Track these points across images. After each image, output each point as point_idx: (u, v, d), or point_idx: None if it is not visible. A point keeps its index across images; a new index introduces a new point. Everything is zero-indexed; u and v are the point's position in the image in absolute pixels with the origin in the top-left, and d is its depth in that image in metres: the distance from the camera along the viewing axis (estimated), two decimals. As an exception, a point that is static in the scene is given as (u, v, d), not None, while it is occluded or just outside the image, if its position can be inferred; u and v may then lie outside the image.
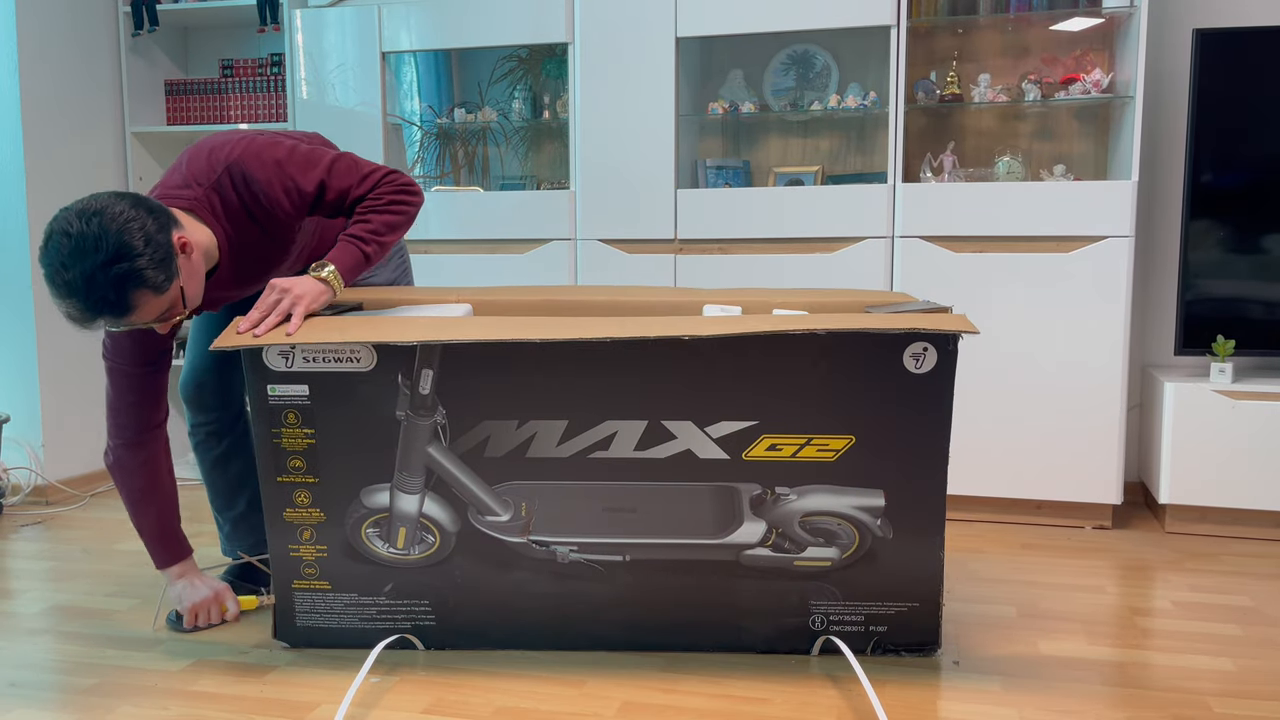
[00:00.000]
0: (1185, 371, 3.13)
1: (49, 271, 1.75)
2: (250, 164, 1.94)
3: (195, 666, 2.05)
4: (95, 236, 1.71)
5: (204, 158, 1.96)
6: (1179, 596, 2.43)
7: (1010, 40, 3.24)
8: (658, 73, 3.14)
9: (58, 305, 1.78)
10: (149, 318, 1.83)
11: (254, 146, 1.96)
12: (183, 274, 1.83)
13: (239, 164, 1.93)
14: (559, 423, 1.85)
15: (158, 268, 1.77)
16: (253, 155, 1.94)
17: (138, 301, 1.78)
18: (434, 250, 3.35)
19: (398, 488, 1.94)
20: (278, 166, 1.94)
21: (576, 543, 1.95)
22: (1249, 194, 2.94)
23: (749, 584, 1.98)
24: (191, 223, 1.91)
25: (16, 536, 3.03)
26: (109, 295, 1.74)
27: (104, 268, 1.72)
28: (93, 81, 3.57)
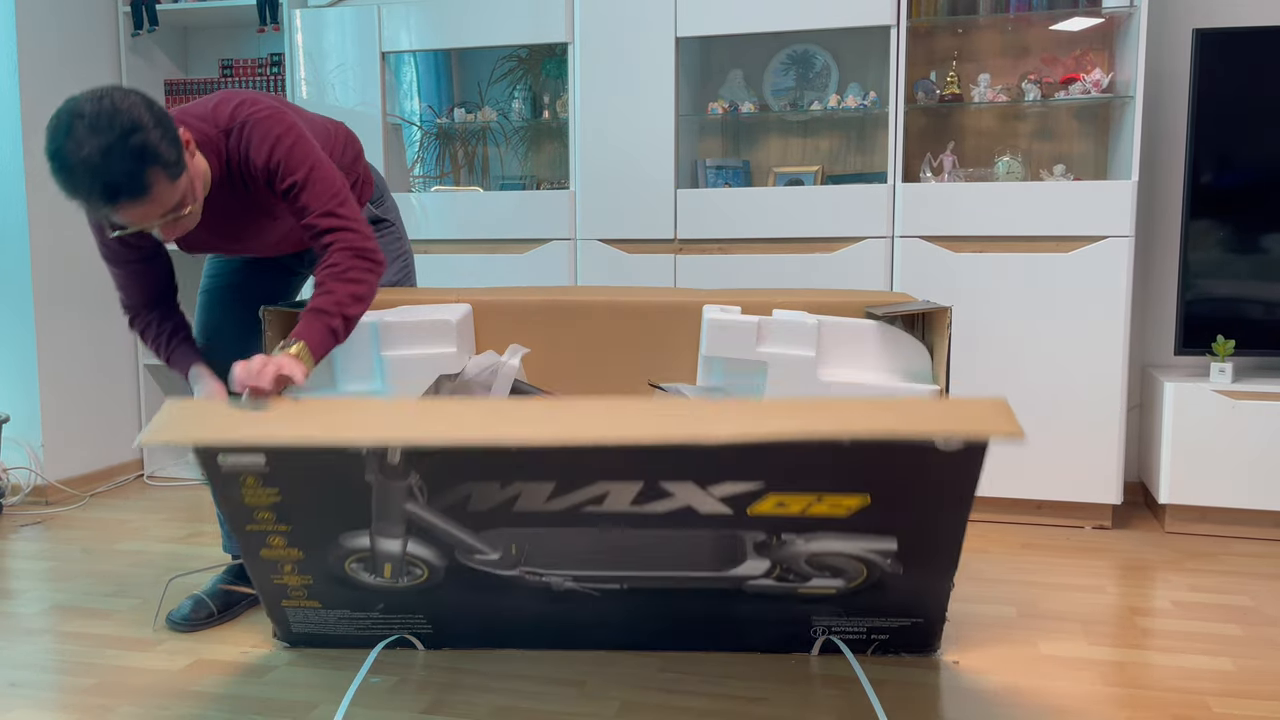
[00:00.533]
0: (1185, 371, 3.13)
1: (62, 155, 1.66)
2: (257, 132, 1.92)
3: (195, 666, 2.05)
4: (110, 113, 1.67)
5: (230, 107, 1.95)
6: (1179, 596, 2.43)
7: (1010, 40, 3.24)
8: (658, 73, 3.14)
9: (73, 193, 1.69)
10: (161, 209, 1.75)
11: (270, 119, 1.93)
12: (190, 173, 1.80)
13: (250, 126, 1.92)
14: (546, 484, 1.69)
15: (171, 146, 1.72)
16: (264, 126, 1.92)
17: (153, 180, 1.70)
18: (434, 250, 3.35)
19: (378, 534, 1.83)
20: (273, 147, 1.92)
21: (572, 575, 1.91)
22: (1249, 194, 2.94)
23: (750, 603, 1.98)
24: (192, 148, 1.87)
25: (16, 536, 3.03)
26: (127, 168, 1.67)
27: (121, 140, 1.66)
28: (93, 81, 3.57)
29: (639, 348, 2.29)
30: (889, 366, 2.09)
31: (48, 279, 3.40)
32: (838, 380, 2.03)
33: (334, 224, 1.92)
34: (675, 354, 2.29)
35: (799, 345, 2.02)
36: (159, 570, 2.67)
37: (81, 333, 3.54)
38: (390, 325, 2.09)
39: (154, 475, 3.77)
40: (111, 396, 3.67)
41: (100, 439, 3.62)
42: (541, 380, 2.32)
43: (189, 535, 3.01)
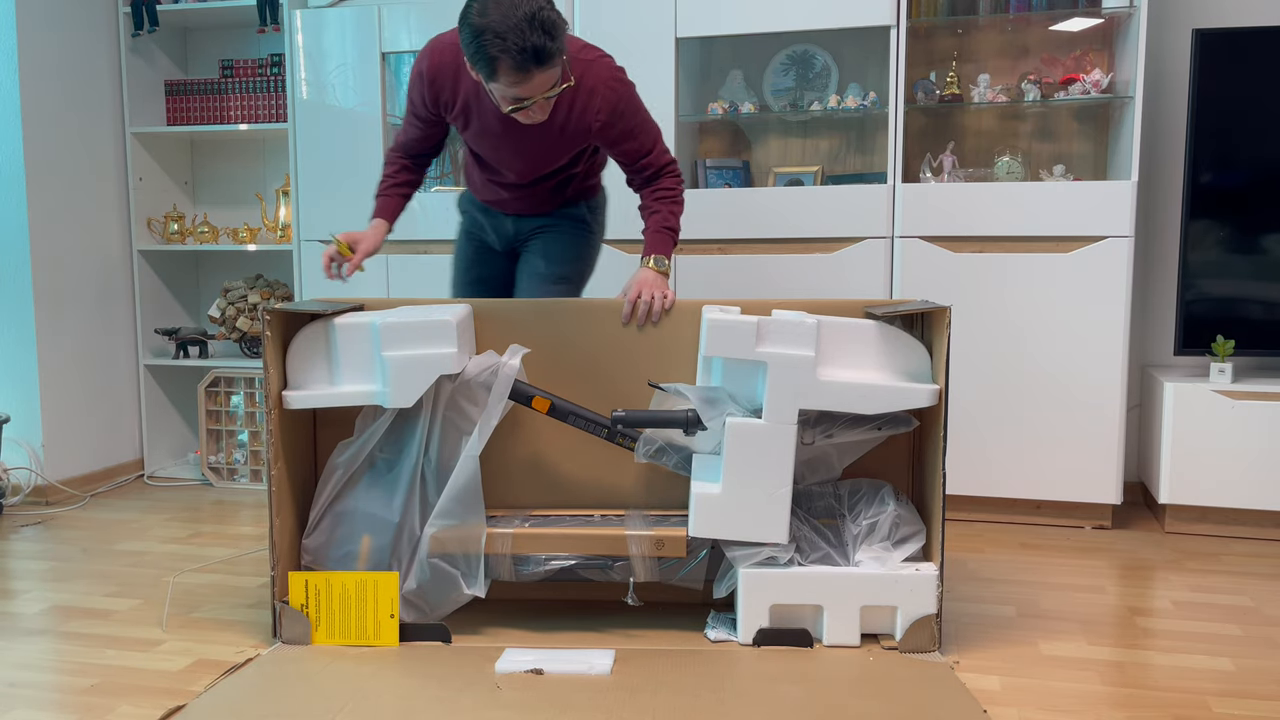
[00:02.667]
0: (1185, 371, 3.13)
1: (493, 16, 1.98)
2: (621, 83, 2.27)
3: (195, 666, 2.05)
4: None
5: (591, 46, 2.29)
6: (1179, 596, 2.43)
7: (1010, 40, 3.24)
8: (658, 73, 3.14)
9: (500, 53, 2.00)
10: (552, 80, 2.09)
11: (631, 93, 2.32)
12: None
13: (617, 73, 2.27)
14: None
15: (563, 33, 2.05)
16: (627, 96, 2.30)
17: (558, 52, 2.04)
18: (434, 250, 3.35)
19: None
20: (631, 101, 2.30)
21: None
22: (1248, 194, 2.94)
23: None
24: None
25: (16, 537, 3.03)
26: (549, 30, 2.00)
27: (542, 11, 2.00)
28: (93, 81, 3.57)
29: (639, 348, 2.29)
30: (889, 366, 2.10)
31: (48, 279, 3.40)
32: (837, 380, 2.03)
33: (667, 160, 2.38)
34: (675, 354, 2.29)
35: (798, 345, 2.02)
36: (159, 570, 2.68)
37: (81, 333, 3.54)
38: (391, 326, 2.09)
39: (154, 475, 3.77)
40: (111, 396, 3.67)
41: (100, 439, 3.62)
42: (541, 380, 2.32)
43: (189, 535, 3.01)
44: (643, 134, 2.33)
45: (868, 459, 2.27)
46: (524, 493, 2.34)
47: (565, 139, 2.31)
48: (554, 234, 2.55)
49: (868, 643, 2.09)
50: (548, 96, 2.11)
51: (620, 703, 1.83)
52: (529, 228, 2.57)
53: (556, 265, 2.52)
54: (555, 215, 2.55)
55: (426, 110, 2.38)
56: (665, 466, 2.19)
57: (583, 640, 2.12)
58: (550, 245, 2.54)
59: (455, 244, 2.71)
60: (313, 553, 2.19)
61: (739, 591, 2.09)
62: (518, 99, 2.10)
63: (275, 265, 3.92)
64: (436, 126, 2.43)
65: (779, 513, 2.05)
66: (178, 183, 3.92)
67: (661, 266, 2.31)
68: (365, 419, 2.21)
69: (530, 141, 2.32)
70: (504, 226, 2.59)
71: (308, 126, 3.42)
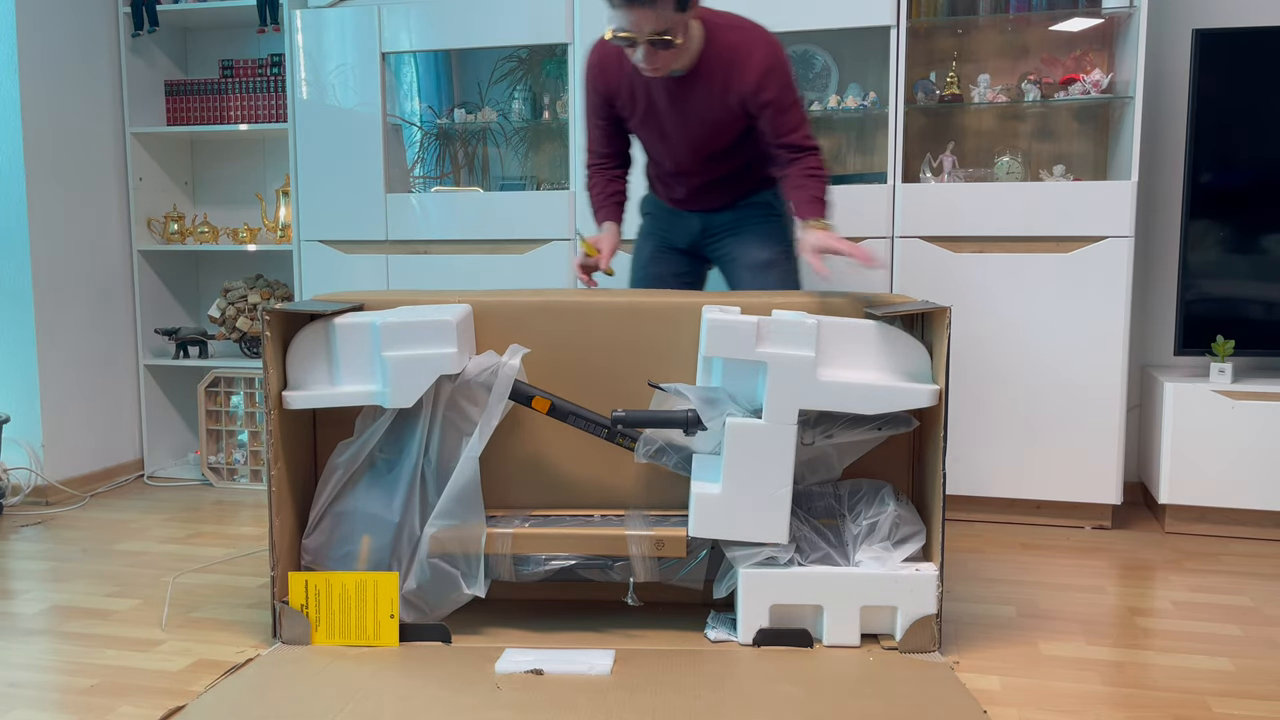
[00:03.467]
0: (1185, 371, 3.13)
1: None
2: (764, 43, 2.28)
3: (195, 666, 2.05)
4: None
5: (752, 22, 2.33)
6: (1179, 596, 2.43)
7: (1010, 40, 3.24)
8: (658, 73, 3.13)
9: None
10: (655, 23, 2.12)
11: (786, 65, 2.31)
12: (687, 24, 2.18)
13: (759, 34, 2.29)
14: None
15: None
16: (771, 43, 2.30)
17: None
18: (434, 250, 3.35)
19: None
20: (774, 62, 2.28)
21: None
22: (1248, 194, 2.94)
23: None
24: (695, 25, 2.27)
25: (16, 537, 3.03)
26: None
27: None
28: (93, 81, 3.57)
29: (639, 348, 2.29)
30: (889, 366, 2.09)
31: (48, 279, 3.40)
32: (837, 380, 2.03)
33: (813, 142, 2.36)
34: (675, 354, 2.29)
35: (798, 345, 2.02)
36: (159, 570, 2.68)
37: (81, 333, 3.54)
38: (390, 326, 2.09)
39: (154, 475, 3.77)
40: (111, 396, 3.67)
41: (100, 439, 3.62)
42: (541, 380, 2.32)
43: (189, 535, 3.01)
44: (795, 109, 2.33)
45: (868, 459, 2.27)
46: (524, 493, 2.34)
47: (725, 107, 2.33)
48: (750, 223, 2.55)
49: (868, 643, 2.09)
50: (651, 40, 2.14)
51: (620, 703, 1.83)
52: (717, 223, 2.58)
53: (766, 251, 2.52)
54: (741, 207, 2.56)
55: (602, 104, 2.45)
56: (665, 466, 2.19)
57: (583, 640, 2.12)
58: (749, 235, 2.55)
59: (635, 244, 2.73)
60: (313, 553, 2.19)
61: (739, 591, 2.09)
62: (622, 33, 2.15)
63: (275, 265, 3.92)
64: (617, 122, 2.50)
65: (779, 513, 2.05)
66: (178, 183, 3.92)
67: (825, 225, 2.28)
68: (365, 419, 2.21)
69: (691, 113, 2.35)
70: (690, 224, 2.60)
71: (308, 126, 3.42)
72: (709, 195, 2.53)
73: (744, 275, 2.53)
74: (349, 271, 3.43)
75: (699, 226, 2.60)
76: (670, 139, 2.44)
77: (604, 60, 2.41)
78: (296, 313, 2.20)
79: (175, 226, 3.77)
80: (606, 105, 2.47)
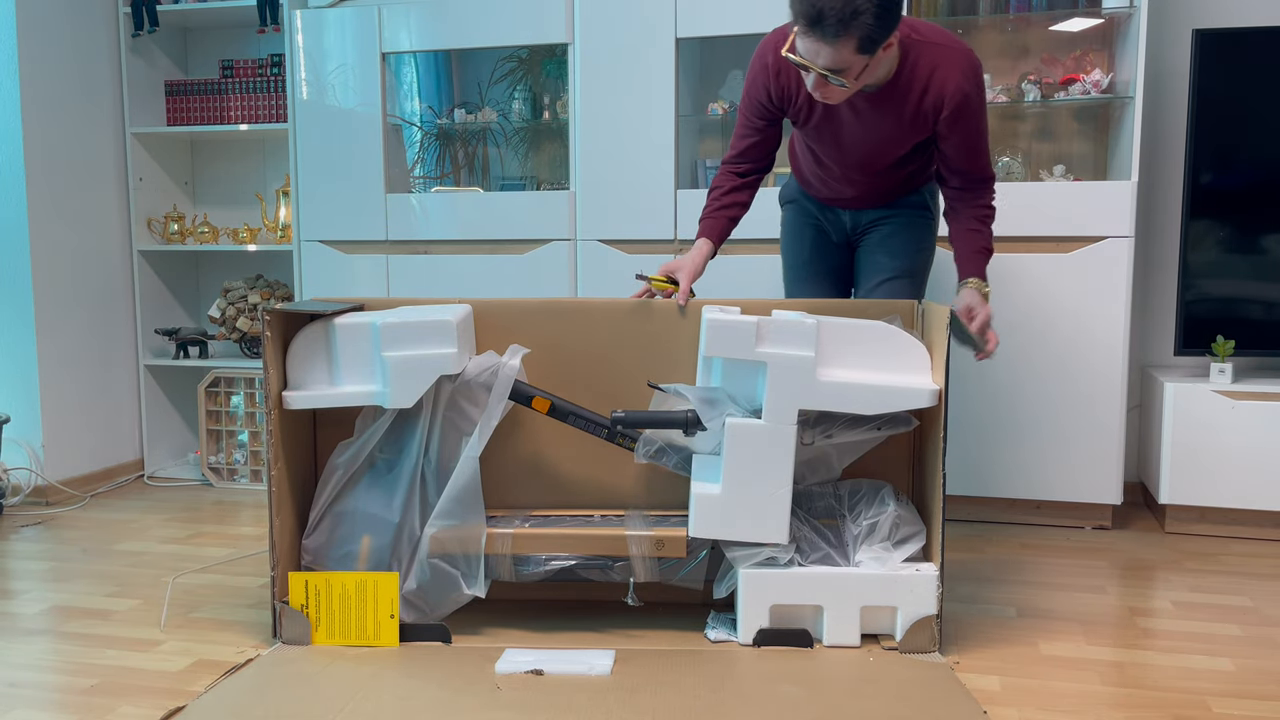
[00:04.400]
0: (1185, 371, 3.13)
1: None
2: (976, 75, 2.18)
3: (195, 666, 2.05)
4: None
5: (950, 33, 2.22)
6: (1179, 596, 2.43)
7: (1010, 40, 3.24)
8: (658, 73, 3.14)
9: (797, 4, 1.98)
10: (830, 60, 2.01)
11: (982, 89, 2.21)
12: (871, 63, 2.04)
13: (974, 62, 2.18)
14: None
15: (880, 29, 1.97)
16: (979, 90, 2.19)
17: (846, 36, 1.96)
18: (434, 250, 3.35)
19: None
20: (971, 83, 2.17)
21: None
22: (1249, 194, 2.94)
23: None
24: (893, 45, 2.10)
25: (17, 537, 3.03)
26: (842, 11, 1.93)
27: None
28: (93, 81, 3.57)
29: (639, 348, 2.29)
30: (889, 366, 2.09)
31: (48, 279, 3.40)
32: (837, 380, 2.03)
33: (991, 173, 2.29)
34: (675, 354, 2.29)
35: (798, 345, 2.02)
36: (159, 570, 2.68)
37: (81, 333, 3.54)
38: (391, 326, 2.09)
39: (154, 475, 3.77)
40: (111, 396, 3.67)
41: (100, 439, 3.62)
42: (541, 380, 2.32)
43: (189, 535, 3.01)
44: (982, 138, 2.23)
45: (868, 459, 2.27)
46: (524, 493, 2.34)
47: (913, 125, 2.23)
48: (894, 225, 2.47)
49: (868, 643, 2.09)
50: (826, 74, 2.03)
51: (620, 703, 1.83)
52: (867, 220, 2.50)
53: (900, 259, 2.45)
54: (896, 205, 2.47)
55: (770, 104, 2.30)
56: (665, 467, 2.19)
57: (583, 640, 2.12)
58: (892, 239, 2.47)
59: (783, 237, 2.63)
60: (313, 553, 2.19)
61: (739, 592, 2.09)
62: (797, 57, 2.04)
63: (275, 265, 3.92)
64: (775, 126, 2.37)
65: (779, 513, 2.05)
66: (178, 183, 3.92)
67: (983, 288, 2.24)
68: (365, 419, 2.21)
69: (876, 130, 2.26)
70: (840, 220, 2.53)
71: (308, 127, 3.42)
72: (872, 198, 2.45)
73: (876, 284, 2.45)
74: (349, 272, 3.43)
75: (849, 222, 2.52)
76: (845, 150, 2.33)
77: (783, 62, 2.25)
78: (296, 313, 2.20)
79: (175, 226, 3.77)
80: (774, 107, 2.31)
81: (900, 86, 2.17)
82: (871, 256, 2.49)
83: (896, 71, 2.16)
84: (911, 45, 2.16)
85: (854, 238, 2.54)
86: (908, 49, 2.15)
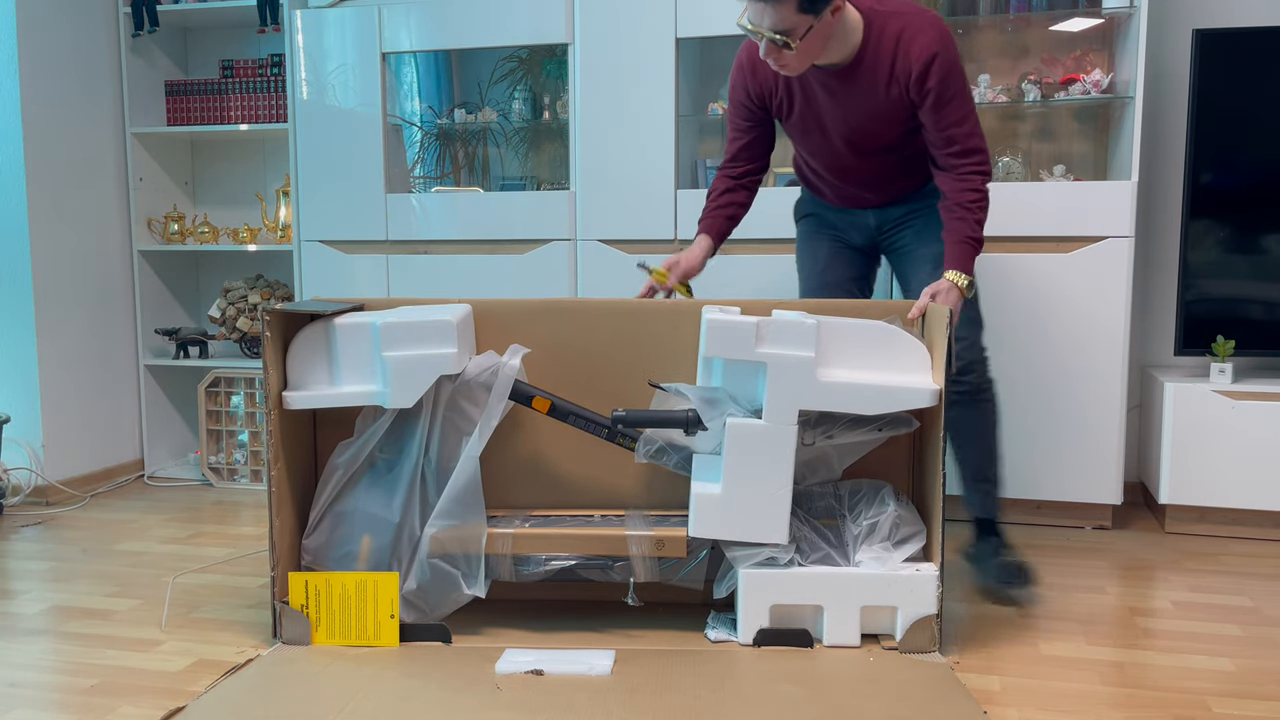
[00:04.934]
0: (1185, 372, 3.13)
1: None
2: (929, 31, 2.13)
3: (195, 667, 2.05)
4: None
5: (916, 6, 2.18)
6: (1179, 596, 2.43)
7: (1010, 40, 3.24)
8: (658, 73, 3.14)
9: None
10: (775, 21, 2.03)
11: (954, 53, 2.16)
12: (818, 26, 2.05)
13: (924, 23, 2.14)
14: None
15: None
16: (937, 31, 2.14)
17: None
18: (434, 250, 3.35)
19: None
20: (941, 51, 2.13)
21: None
22: (1249, 194, 2.94)
23: None
24: (853, 15, 2.14)
25: (17, 537, 3.03)
26: None
27: None
28: (93, 81, 3.57)
29: (639, 348, 2.30)
30: (889, 366, 2.09)
31: (48, 279, 3.40)
32: (837, 380, 2.03)
33: (978, 145, 2.18)
34: (675, 354, 2.29)
35: (798, 346, 2.02)
36: (159, 570, 2.68)
37: (81, 333, 3.54)
38: (390, 326, 2.09)
39: (154, 475, 3.77)
40: (111, 396, 3.67)
41: (100, 439, 3.62)
42: (541, 380, 2.32)
43: (189, 535, 3.02)
44: (960, 100, 2.17)
45: (868, 459, 2.27)
46: (524, 493, 2.34)
47: (889, 99, 2.20)
48: (924, 219, 2.42)
49: (868, 643, 2.09)
50: (772, 38, 2.05)
51: (620, 703, 1.83)
52: (894, 217, 2.44)
53: (940, 245, 2.36)
54: (919, 201, 2.41)
55: (752, 103, 2.34)
56: (665, 466, 2.19)
57: (583, 640, 2.12)
58: (926, 231, 2.41)
59: (798, 249, 2.60)
60: (313, 553, 2.19)
61: (739, 592, 2.09)
62: (747, 24, 2.07)
63: (275, 265, 3.92)
64: (764, 125, 2.39)
65: (779, 513, 2.05)
66: (178, 183, 3.92)
67: (960, 280, 2.16)
68: (365, 419, 2.21)
69: (852, 107, 2.23)
70: (865, 221, 2.48)
71: (308, 127, 3.42)
72: (879, 190, 2.40)
73: (922, 269, 2.40)
74: (349, 272, 3.43)
75: (874, 222, 2.46)
76: (830, 135, 2.32)
77: (755, 59, 2.30)
78: (296, 313, 2.20)
79: (175, 226, 3.77)
80: (757, 107, 2.35)
81: (868, 59, 2.18)
82: (910, 254, 2.44)
83: (862, 44, 2.17)
84: (875, 16, 2.16)
85: (881, 239, 2.49)
86: (871, 20, 2.16)
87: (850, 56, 2.18)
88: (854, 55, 2.18)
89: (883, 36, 2.16)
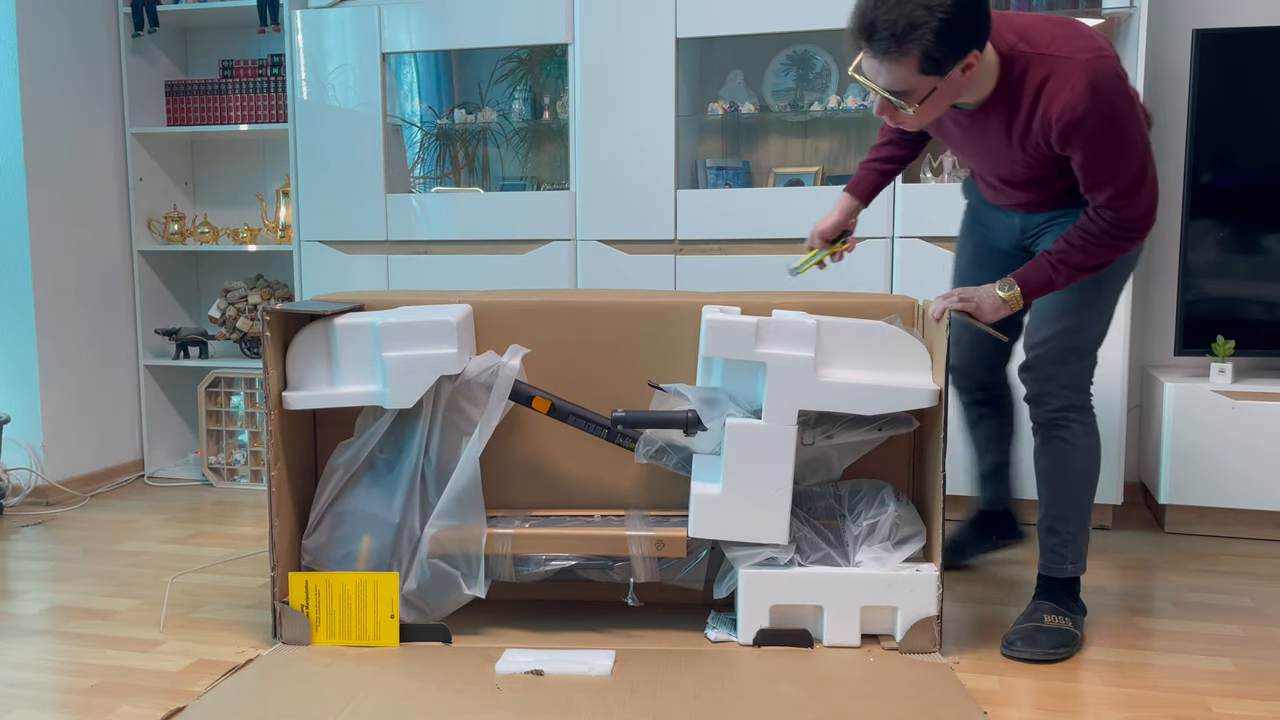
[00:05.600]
0: (1185, 372, 3.13)
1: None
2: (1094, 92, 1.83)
3: (195, 667, 2.05)
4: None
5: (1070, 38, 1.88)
6: (1179, 596, 2.43)
7: (1010, 40, 3.24)
8: (658, 73, 3.14)
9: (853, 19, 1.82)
10: (888, 80, 1.83)
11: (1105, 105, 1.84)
12: (943, 86, 1.84)
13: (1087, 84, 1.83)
14: None
15: (940, 49, 1.77)
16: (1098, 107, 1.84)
17: (905, 54, 1.78)
18: (434, 251, 3.35)
19: None
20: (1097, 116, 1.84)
21: None
22: (1249, 194, 2.94)
23: None
24: (989, 59, 1.89)
25: (17, 537, 3.03)
26: (892, 29, 1.75)
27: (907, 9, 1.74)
28: (93, 82, 3.57)
29: (639, 348, 2.30)
30: (889, 366, 2.09)
31: (48, 279, 3.40)
32: (837, 380, 2.03)
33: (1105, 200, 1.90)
34: (675, 354, 2.29)
35: (798, 345, 2.02)
36: (159, 570, 2.68)
37: (81, 333, 3.54)
38: (391, 326, 2.09)
39: (154, 475, 3.77)
40: (111, 396, 3.67)
41: (100, 439, 3.62)
42: (541, 380, 2.32)
43: (189, 535, 3.02)
44: (1105, 161, 1.88)
45: (868, 459, 2.27)
46: (524, 493, 2.34)
47: (1024, 146, 1.97)
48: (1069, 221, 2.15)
49: (868, 643, 2.09)
50: (883, 94, 1.86)
51: (620, 703, 1.83)
52: (1037, 222, 2.21)
53: None
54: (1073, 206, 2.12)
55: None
56: (665, 467, 2.19)
57: (583, 640, 2.12)
58: None
59: (959, 230, 2.45)
60: (313, 553, 2.19)
61: (739, 592, 2.09)
62: (860, 75, 1.87)
63: (275, 265, 3.92)
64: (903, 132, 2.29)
65: (779, 513, 2.05)
66: (178, 183, 3.92)
67: (1005, 291, 1.98)
68: (365, 419, 2.21)
69: (988, 148, 2.06)
70: (1011, 222, 2.27)
71: (308, 127, 3.42)
72: (1035, 203, 2.18)
73: None
74: (349, 272, 3.43)
75: (1019, 224, 2.25)
76: (972, 159, 2.16)
77: None
78: (296, 313, 2.20)
79: (175, 227, 3.77)
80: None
81: (1004, 103, 1.93)
82: None
83: (998, 86, 1.92)
84: (1017, 58, 1.89)
85: (1025, 240, 2.28)
86: (1013, 62, 1.89)
87: (983, 100, 1.95)
88: (988, 99, 1.94)
89: (1024, 83, 1.89)
